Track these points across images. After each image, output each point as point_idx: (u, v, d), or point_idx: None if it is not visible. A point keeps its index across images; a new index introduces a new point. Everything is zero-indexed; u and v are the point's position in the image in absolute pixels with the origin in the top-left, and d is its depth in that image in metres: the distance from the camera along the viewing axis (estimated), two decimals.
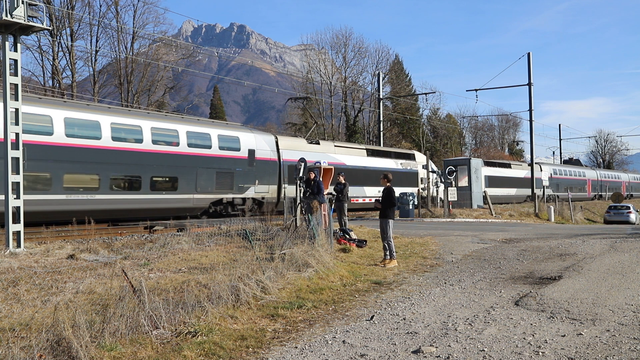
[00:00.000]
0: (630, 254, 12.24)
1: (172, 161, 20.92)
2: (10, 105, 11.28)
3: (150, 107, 43.07)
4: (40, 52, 38.58)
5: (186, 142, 21.43)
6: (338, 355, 5.36)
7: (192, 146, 21.67)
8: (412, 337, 5.92)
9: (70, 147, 17.85)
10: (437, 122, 73.01)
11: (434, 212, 27.40)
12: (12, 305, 6.37)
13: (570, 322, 6.45)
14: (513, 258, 11.94)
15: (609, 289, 8.29)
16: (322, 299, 7.78)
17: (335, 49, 60.62)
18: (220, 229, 12.81)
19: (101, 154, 18.72)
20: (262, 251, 9.77)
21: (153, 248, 11.51)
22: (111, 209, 19.17)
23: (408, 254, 12.55)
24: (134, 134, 19.93)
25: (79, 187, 18.35)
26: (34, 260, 9.98)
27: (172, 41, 47.96)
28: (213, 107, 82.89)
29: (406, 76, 69.13)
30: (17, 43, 11.56)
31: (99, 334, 5.32)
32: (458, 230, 18.85)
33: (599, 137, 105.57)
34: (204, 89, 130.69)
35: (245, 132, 24.94)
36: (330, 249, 11.29)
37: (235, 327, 6.25)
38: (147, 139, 20.20)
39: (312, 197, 14.01)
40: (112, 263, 9.30)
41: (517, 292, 8.25)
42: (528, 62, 36.49)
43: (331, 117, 59.96)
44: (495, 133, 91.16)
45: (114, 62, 43.42)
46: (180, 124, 21.89)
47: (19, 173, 11.33)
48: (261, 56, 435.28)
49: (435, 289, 8.56)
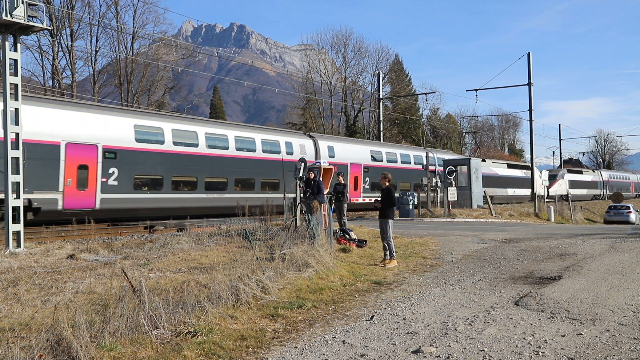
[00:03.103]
0: (630, 254, 12.24)
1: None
2: (10, 105, 11.28)
3: (150, 107, 43.06)
4: (40, 52, 38.63)
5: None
6: (338, 355, 5.36)
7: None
8: (412, 337, 5.91)
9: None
10: (437, 122, 73.04)
11: (434, 212, 27.40)
12: (12, 305, 6.37)
13: (570, 322, 6.44)
14: (513, 258, 11.93)
15: (609, 289, 8.29)
16: (322, 299, 7.78)
17: (335, 49, 60.71)
18: (220, 229, 12.81)
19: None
20: (262, 251, 9.77)
21: (153, 248, 11.52)
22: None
23: (408, 254, 12.55)
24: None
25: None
26: (34, 260, 9.98)
27: (172, 41, 47.94)
28: (213, 107, 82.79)
29: (406, 76, 69.13)
30: (17, 43, 11.56)
31: (99, 334, 5.32)
32: (458, 230, 18.85)
33: (599, 137, 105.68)
34: (204, 89, 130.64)
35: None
36: (330, 249, 11.29)
37: (235, 327, 6.25)
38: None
39: (312, 197, 14.00)
40: (112, 263, 9.30)
41: (517, 292, 8.25)
42: (528, 62, 36.50)
43: (331, 117, 59.96)
44: (495, 133, 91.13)
45: (114, 62, 43.42)
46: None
47: (19, 173, 11.33)
48: (261, 56, 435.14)
49: (435, 289, 8.56)
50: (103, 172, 18.58)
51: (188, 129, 22.04)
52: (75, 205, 17.84)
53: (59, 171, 17.42)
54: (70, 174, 17.73)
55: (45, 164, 16.98)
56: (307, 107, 60.42)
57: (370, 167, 30.52)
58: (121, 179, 19.06)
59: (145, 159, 20.03)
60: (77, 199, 17.91)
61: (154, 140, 20.53)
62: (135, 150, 19.72)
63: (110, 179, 18.79)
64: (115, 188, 18.90)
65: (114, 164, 18.91)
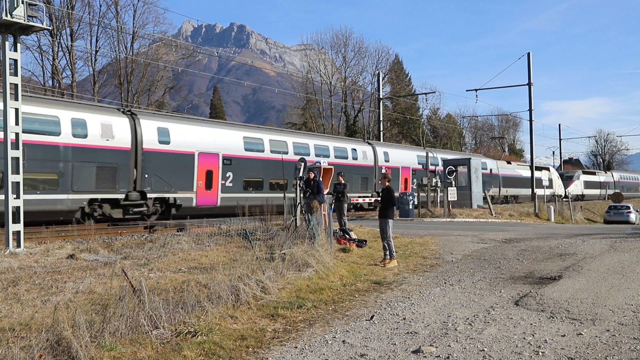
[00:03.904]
0: (630, 254, 12.24)
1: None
2: (10, 105, 11.28)
3: (150, 107, 43.08)
4: (40, 52, 38.61)
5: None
6: (338, 355, 5.36)
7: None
8: (412, 337, 5.91)
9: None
10: (437, 122, 73.06)
11: (434, 212, 27.39)
12: (12, 305, 6.36)
13: (570, 322, 6.44)
14: (513, 258, 11.93)
15: (609, 289, 8.29)
16: (322, 299, 7.78)
17: (335, 49, 60.70)
18: (220, 229, 12.80)
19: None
20: (262, 251, 9.77)
21: (153, 248, 11.51)
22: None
23: (408, 254, 12.55)
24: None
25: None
26: (33, 260, 9.98)
27: (172, 41, 47.92)
28: (213, 107, 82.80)
29: (406, 76, 69.12)
30: (17, 43, 11.55)
31: (99, 333, 5.32)
32: (458, 230, 18.84)
33: (599, 137, 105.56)
34: (204, 89, 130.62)
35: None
36: (330, 249, 11.29)
37: (235, 327, 6.25)
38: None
39: (312, 197, 14.00)
40: (112, 263, 9.30)
41: (517, 292, 8.25)
42: (528, 62, 36.48)
43: (331, 117, 59.96)
44: (495, 133, 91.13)
45: (113, 62, 43.40)
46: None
47: (19, 173, 11.32)
48: (261, 56, 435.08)
49: (435, 289, 8.56)
50: (222, 175, 22.91)
51: (280, 139, 26.53)
52: (204, 202, 22.16)
53: (194, 175, 21.74)
54: (201, 177, 22.06)
55: (185, 169, 21.46)
56: (307, 107, 60.45)
57: (417, 170, 34.85)
58: (234, 181, 23.48)
59: (251, 165, 24.34)
60: (205, 197, 22.25)
61: (256, 149, 24.78)
62: (244, 157, 24.09)
63: (227, 181, 23.14)
64: (230, 189, 23.21)
65: (230, 169, 23.14)
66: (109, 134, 19.13)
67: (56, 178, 17.57)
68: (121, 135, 19.41)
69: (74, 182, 17.95)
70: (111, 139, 19.12)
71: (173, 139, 21.00)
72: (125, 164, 19.42)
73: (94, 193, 18.54)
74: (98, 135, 18.79)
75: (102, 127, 18.97)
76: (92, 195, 18.49)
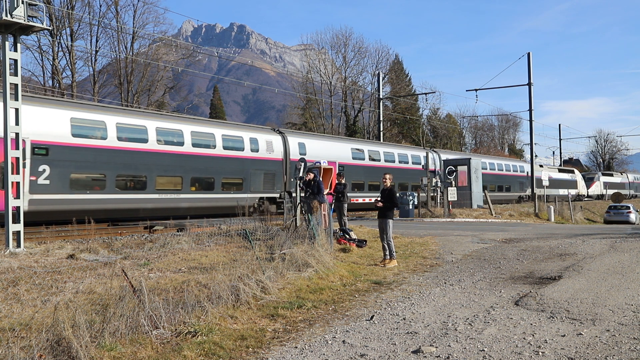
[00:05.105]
0: (630, 254, 12.24)
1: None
2: (10, 105, 11.27)
3: (150, 107, 43.07)
4: (40, 52, 38.61)
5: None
6: (338, 355, 5.36)
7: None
8: (412, 337, 5.91)
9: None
10: (437, 122, 73.06)
11: (434, 212, 27.40)
12: (12, 305, 6.36)
13: (570, 322, 6.44)
14: (513, 258, 11.93)
15: (609, 289, 8.29)
16: (322, 299, 7.78)
17: (335, 49, 60.71)
18: (220, 229, 12.80)
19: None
20: (262, 251, 9.77)
21: (153, 248, 11.51)
22: None
23: (408, 254, 12.55)
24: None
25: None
26: (33, 260, 9.98)
27: (172, 41, 47.90)
28: (213, 107, 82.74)
29: (406, 76, 69.14)
30: (17, 43, 11.55)
31: (99, 334, 5.32)
32: (458, 230, 18.85)
33: (599, 137, 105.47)
34: (204, 88, 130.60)
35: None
36: (330, 249, 11.29)
37: (235, 327, 6.25)
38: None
39: (312, 197, 13.99)
40: (112, 263, 9.30)
41: (517, 292, 8.25)
42: (528, 62, 36.52)
43: (331, 117, 59.97)
44: (495, 133, 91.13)
45: (113, 62, 43.40)
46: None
47: (19, 173, 11.32)
48: (261, 56, 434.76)
49: (435, 289, 8.56)
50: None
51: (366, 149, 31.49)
52: None
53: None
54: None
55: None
56: (307, 107, 60.46)
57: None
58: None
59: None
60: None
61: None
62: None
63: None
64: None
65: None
66: (271, 149, 25.64)
67: (241, 182, 24.13)
68: (278, 150, 25.89)
69: (251, 185, 24.40)
70: (272, 153, 25.64)
71: (308, 150, 27.15)
72: (280, 171, 25.84)
73: (262, 193, 24.85)
74: (264, 150, 25.28)
75: (266, 144, 25.48)
76: (261, 195, 24.74)
